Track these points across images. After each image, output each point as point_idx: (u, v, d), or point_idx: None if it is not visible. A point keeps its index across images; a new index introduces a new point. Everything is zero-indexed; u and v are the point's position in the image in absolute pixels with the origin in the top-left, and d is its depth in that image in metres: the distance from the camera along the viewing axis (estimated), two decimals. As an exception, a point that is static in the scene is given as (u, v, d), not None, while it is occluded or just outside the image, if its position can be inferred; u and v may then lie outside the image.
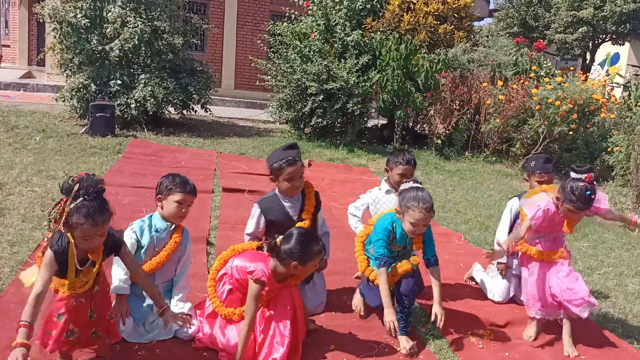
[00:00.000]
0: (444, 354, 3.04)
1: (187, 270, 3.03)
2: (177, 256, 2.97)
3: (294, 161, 3.08)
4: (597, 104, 9.00)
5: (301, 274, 2.70)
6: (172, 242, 2.91)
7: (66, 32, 8.36)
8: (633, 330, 3.60)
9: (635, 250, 5.53)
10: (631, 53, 18.69)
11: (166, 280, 2.98)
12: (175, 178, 2.93)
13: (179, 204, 2.86)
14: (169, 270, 2.96)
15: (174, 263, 2.97)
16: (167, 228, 2.93)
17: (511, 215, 3.87)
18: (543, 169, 3.75)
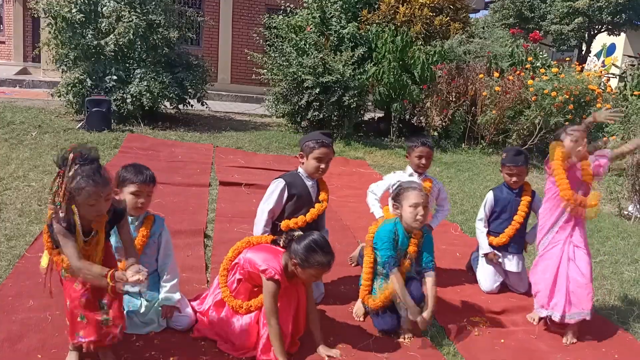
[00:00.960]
0: (441, 342, 3.06)
1: (170, 260, 2.93)
2: (153, 248, 2.90)
3: (328, 144, 3.19)
4: (593, 95, 9.01)
5: (300, 275, 2.69)
6: (140, 237, 2.82)
7: (61, 27, 8.33)
8: (628, 317, 3.63)
9: (630, 238, 5.56)
10: (627, 43, 18.68)
11: (151, 272, 2.84)
12: (129, 168, 2.83)
13: (135, 196, 2.77)
14: (146, 263, 2.75)
15: (152, 255, 2.90)
16: (132, 222, 2.80)
17: (485, 210, 3.95)
18: (512, 162, 3.78)
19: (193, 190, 5.55)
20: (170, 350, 2.68)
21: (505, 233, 3.84)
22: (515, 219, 3.83)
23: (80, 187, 2.20)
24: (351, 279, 3.83)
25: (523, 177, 3.85)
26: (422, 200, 2.97)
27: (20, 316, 2.80)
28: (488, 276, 3.86)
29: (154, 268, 2.92)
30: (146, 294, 2.87)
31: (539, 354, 3.04)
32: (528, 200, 3.85)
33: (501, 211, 3.89)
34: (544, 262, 3.33)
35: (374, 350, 2.88)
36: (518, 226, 3.82)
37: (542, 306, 3.29)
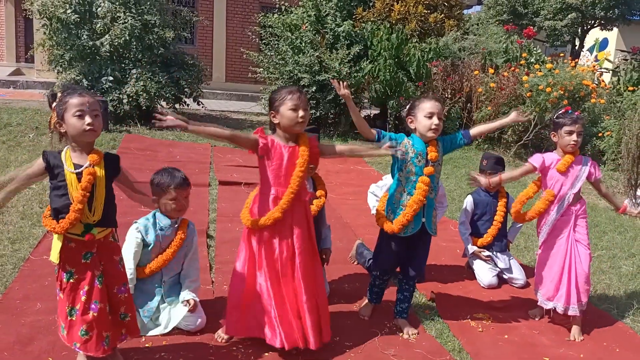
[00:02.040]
0: (445, 338, 3.10)
1: (196, 264, 3.06)
2: (184, 252, 3.00)
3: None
4: (587, 90, 9.07)
5: (283, 121, 2.72)
6: (178, 239, 2.94)
7: (56, 28, 8.31)
8: (627, 311, 3.68)
9: (627, 233, 5.62)
10: (619, 38, 18.78)
11: (173, 276, 3.01)
12: (164, 174, 2.92)
13: (174, 200, 2.88)
14: (175, 266, 2.99)
15: (180, 258, 3.00)
16: (172, 225, 2.95)
17: (466, 214, 4.12)
18: (493, 169, 3.91)
19: (193, 190, 5.48)
20: (179, 351, 2.70)
21: (488, 233, 4.04)
22: (496, 218, 4.04)
23: (65, 100, 2.24)
24: (354, 277, 3.87)
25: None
26: (437, 110, 2.95)
27: (29, 319, 2.82)
28: (486, 271, 3.96)
29: (177, 271, 3.02)
30: None
31: (541, 349, 3.09)
32: (505, 201, 4.06)
33: (482, 213, 4.09)
34: (551, 255, 3.37)
35: (380, 347, 2.92)
36: (499, 225, 4.03)
37: (548, 298, 3.34)
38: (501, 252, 4.05)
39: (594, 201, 7.08)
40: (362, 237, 4.56)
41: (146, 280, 2.92)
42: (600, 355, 3.08)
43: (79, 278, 2.32)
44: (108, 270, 2.38)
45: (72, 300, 2.32)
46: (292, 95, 2.73)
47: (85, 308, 2.30)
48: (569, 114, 3.33)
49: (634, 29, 17.11)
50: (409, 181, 2.99)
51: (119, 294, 2.42)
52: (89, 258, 2.33)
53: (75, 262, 2.31)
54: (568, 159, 3.29)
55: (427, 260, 4.16)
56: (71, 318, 2.32)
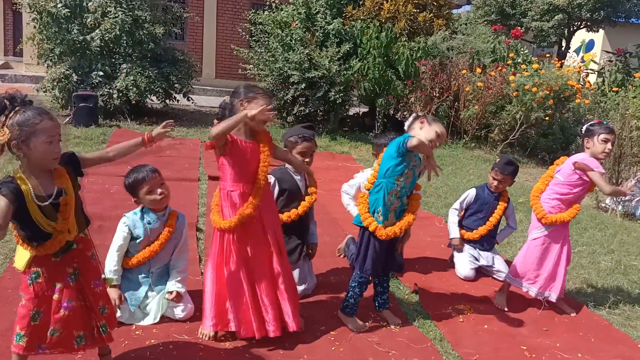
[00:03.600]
0: (427, 328, 3.20)
1: (185, 255, 3.10)
2: (173, 243, 3.04)
3: (309, 138, 3.30)
4: (572, 90, 9.25)
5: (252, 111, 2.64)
6: (166, 232, 2.98)
7: (46, 22, 8.31)
8: (604, 304, 3.81)
9: (607, 230, 5.77)
10: (605, 40, 19.06)
11: (161, 266, 3.07)
12: (131, 173, 2.94)
13: (150, 193, 2.91)
14: (164, 257, 3.04)
15: (170, 250, 3.05)
16: (159, 218, 3.00)
17: (463, 203, 4.23)
18: (501, 169, 4.03)
19: (183, 185, 5.62)
20: (169, 337, 2.78)
21: (478, 230, 4.12)
22: (490, 219, 4.12)
23: (34, 122, 2.00)
24: (341, 270, 3.96)
25: (505, 185, 4.12)
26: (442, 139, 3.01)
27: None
28: (464, 262, 4.07)
29: (166, 262, 3.07)
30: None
31: (520, 338, 3.20)
32: (504, 206, 4.14)
33: (478, 209, 4.17)
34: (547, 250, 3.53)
35: (364, 336, 3.02)
36: (491, 227, 4.12)
37: (541, 290, 3.54)
38: (486, 251, 4.15)
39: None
40: (350, 232, 4.65)
41: (134, 270, 2.98)
42: (576, 344, 3.20)
43: (49, 277, 2.19)
44: (82, 266, 2.28)
45: (37, 304, 2.19)
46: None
47: (57, 307, 2.20)
48: (605, 124, 3.43)
49: (619, 30, 17.38)
50: (404, 187, 3.02)
51: (96, 288, 2.33)
52: (59, 256, 2.20)
53: (43, 262, 2.18)
54: None
55: (413, 254, 4.31)
56: (34, 323, 2.18)
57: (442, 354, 2.93)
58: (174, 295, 2.93)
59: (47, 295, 2.20)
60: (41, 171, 2.10)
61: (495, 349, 3.05)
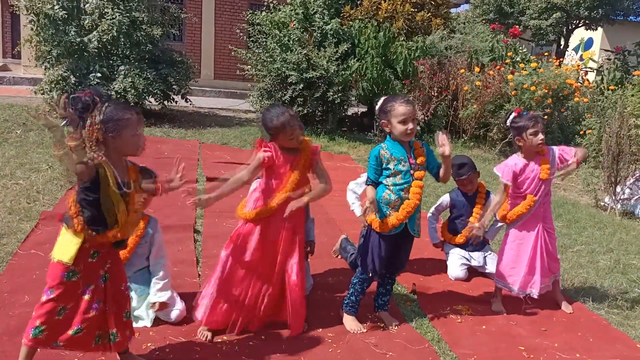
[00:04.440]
0: (425, 329, 3.19)
1: (163, 260, 3.03)
2: (145, 247, 2.99)
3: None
4: (570, 89, 9.24)
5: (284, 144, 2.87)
6: (134, 236, 2.92)
7: (43, 24, 8.30)
8: (602, 303, 3.80)
9: (606, 229, 5.76)
10: (604, 38, 19.05)
11: (137, 271, 3.01)
12: None
13: None
14: (137, 261, 2.98)
15: (143, 254, 3.00)
16: None
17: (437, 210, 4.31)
18: (458, 175, 4.01)
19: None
20: (165, 340, 2.77)
21: (462, 234, 4.11)
22: (470, 220, 4.04)
23: (124, 117, 2.21)
24: (338, 271, 3.95)
25: (475, 182, 4.10)
26: (410, 115, 2.96)
27: (17, 311, 2.88)
28: (455, 264, 4.06)
29: (144, 265, 3.04)
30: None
31: (518, 339, 3.20)
32: (482, 203, 4.10)
33: (458, 214, 4.17)
34: (519, 247, 3.51)
35: (361, 337, 3.01)
36: None
37: (522, 288, 3.50)
38: (476, 251, 4.14)
39: (575, 198, 7.23)
40: (346, 232, 4.64)
41: None
42: (574, 344, 3.19)
43: (83, 277, 2.26)
44: (115, 268, 2.37)
45: (67, 300, 2.25)
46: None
47: (88, 307, 2.27)
48: (525, 115, 3.38)
49: (618, 28, 17.37)
50: (396, 184, 3.03)
51: (126, 291, 2.43)
52: (95, 257, 2.29)
53: (82, 261, 2.25)
54: (546, 166, 3.37)
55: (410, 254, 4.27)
56: (58, 317, 2.24)
57: (439, 355, 2.92)
58: (157, 306, 2.91)
59: (78, 293, 2.26)
60: (120, 160, 2.29)
61: (493, 349, 3.04)
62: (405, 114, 2.94)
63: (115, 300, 2.36)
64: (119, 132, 2.21)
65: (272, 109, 2.90)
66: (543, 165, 3.38)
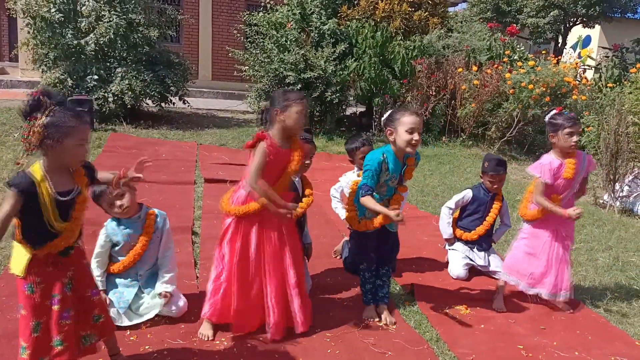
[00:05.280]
0: (424, 328, 3.19)
1: (171, 252, 3.06)
2: (157, 244, 3.02)
3: (309, 140, 3.30)
4: (568, 87, 9.23)
5: (287, 122, 2.77)
6: (146, 232, 2.97)
7: (40, 27, 8.30)
8: (601, 301, 3.80)
9: (605, 226, 5.76)
10: (602, 35, 19.05)
11: (149, 268, 3.05)
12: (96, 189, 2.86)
13: (110, 206, 2.91)
14: (149, 258, 3.02)
15: (154, 250, 3.03)
16: (134, 222, 2.97)
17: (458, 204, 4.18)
18: (495, 171, 4.01)
19: (178, 188, 5.61)
20: (163, 343, 2.77)
21: (476, 231, 4.08)
22: (487, 219, 4.08)
23: (71, 124, 2.05)
24: (336, 271, 3.95)
25: (503, 183, 4.10)
26: (418, 126, 2.98)
27: (15, 315, 2.86)
28: (457, 262, 4.05)
29: (153, 263, 3.06)
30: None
31: (517, 338, 3.19)
32: (499, 205, 4.11)
33: (475, 210, 4.13)
34: (536, 246, 3.51)
35: (360, 337, 3.01)
36: (489, 226, 4.09)
37: (532, 285, 3.51)
38: (483, 251, 4.13)
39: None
40: (346, 233, 4.64)
41: (122, 274, 2.97)
42: (573, 343, 3.18)
43: (46, 287, 2.17)
44: (78, 275, 2.28)
45: (38, 314, 2.16)
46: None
47: (58, 317, 2.17)
48: (565, 114, 3.39)
49: (615, 26, 17.38)
50: (379, 195, 3.11)
51: (93, 296, 2.34)
52: (57, 265, 2.20)
53: (40, 271, 2.16)
54: (572, 164, 3.36)
55: (409, 254, 4.30)
56: (36, 335, 2.15)
57: (438, 354, 2.92)
58: (167, 298, 2.94)
59: (46, 305, 2.18)
60: (62, 170, 2.16)
61: (491, 348, 3.04)
62: (414, 124, 2.96)
63: (81, 306, 2.29)
64: (59, 139, 2.04)
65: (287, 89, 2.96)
66: (569, 165, 3.37)
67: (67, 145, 2.06)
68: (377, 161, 3.02)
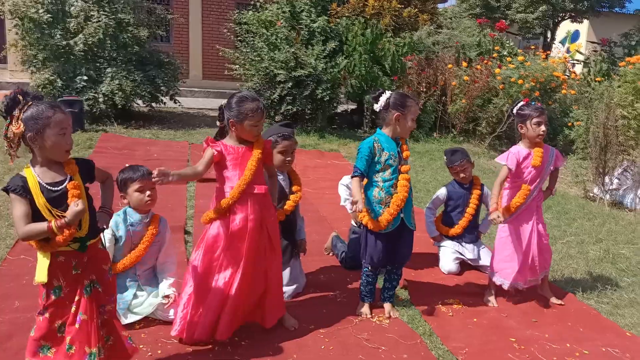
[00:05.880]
0: (417, 323, 3.21)
1: (173, 258, 3.12)
2: (157, 246, 3.06)
3: (288, 136, 3.27)
4: (558, 81, 9.29)
5: (242, 133, 2.76)
6: (149, 234, 3.00)
7: (28, 28, 8.25)
8: (592, 293, 3.84)
9: (595, 219, 5.81)
10: (590, 30, 19.15)
11: (147, 269, 3.08)
12: (127, 170, 3.00)
13: (140, 192, 2.95)
14: (148, 260, 3.06)
15: (154, 253, 3.06)
16: (142, 220, 3.01)
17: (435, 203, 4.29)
18: (452, 162, 4.09)
19: (171, 188, 5.57)
20: (157, 342, 2.77)
21: (459, 224, 4.13)
22: (467, 210, 4.12)
23: (48, 115, 2.06)
24: (329, 268, 3.96)
25: (469, 171, 4.13)
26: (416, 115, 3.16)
27: (7, 317, 2.86)
28: (447, 258, 4.09)
29: (151, 265, 3.09)
30: None
31: (509, 331, 3.22)
32: (478, 194, 4.15)
33: (455, 205, 4.18)
34: (513, 241, 3.53)
35: (354, 333, 3.02)
36: (470, 217, 4.12)
37: (506, 278, 3.55)
38: (471, 243, 4.16)
39: (565, 189, 7.28)
40: (337, 230, 4.66)
41: (120, 275, 2.97)
42: (565, 335, 3.21)
43: (70, 290, 2.19)
44: (98, 280, 2.27)
45: (61, 316, 2.19)
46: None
47: (73, 320, 2.18)
48: (532, 105, 3.44)
49: (603, 20, 17.46)
50: (386, 181, 3.11)
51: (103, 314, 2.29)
52: (79, 269, 2.20)
53: (65, 275, 2.17)
54: (539, 152, 3.41)
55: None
56: (61, 335, 2.19)
57: (431, 349, 2.94)
58: (172, 298, 2.95)
59: (68, 308, 2.20)
60: (52, 163, 2.16)
61: (484, 342, 3.06)
62: (417, 114, 3.16)
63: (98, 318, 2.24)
64: (39, 131, 2.06)
65: (243, 92, 2.86)
66: (536, 153, 3.41)
67: (48, 135, 2.08)
68: (367, 146, 3.10)
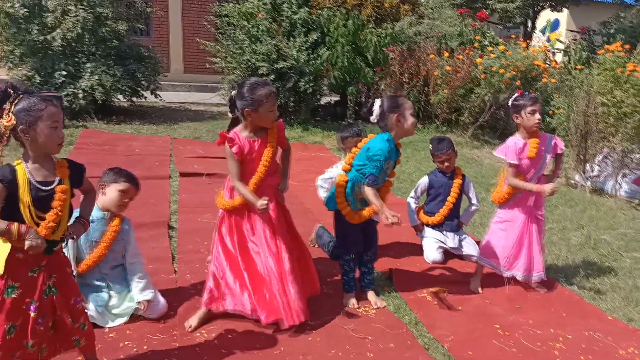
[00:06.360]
0: (402, 312, 3.23)
1: (139, 259, 3.04)
2: (121, 245, 2.97)
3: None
4: (538, 70, 9.36)
5: (259, 121, 2.84)
6: (112, 231, 2.91)
7: (4, 23, 8.08)
8: (575, 278, 3.89)
9: (577, 206, 5.89)
10: (570, 19, 19.32)
11: (113, 268, 2.99)
12: (123, 171, 2.99)
13: (122, 193, 2.90)
14: (112, 259, 2.97)
15: (118, 252, 2.98)
16: (103, 217, 2.93)
17: (418, 192, 4.33)
18: (438, 150, 4.14)
19: (153, 183, 5.54)
20: (143, 338, 2.75)
21: (440, 213, 4.17)
22: (448, 199, 4.16)
23: (40, 107, 2.05)
24: (315, 260, 3.92)
25: (453, 160, 4.17)
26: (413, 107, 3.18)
27: None
28: (431, 248, 4.12)
29: (119, 263, 3.02)
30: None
31: (494, 317, 3.26)
32: (459, 183, 4.18)
33: (436, 194, 4.23)
34: (509, 228, 3.56)
35: (340, 324, 3.03)
36: (451, 206, 4.16)
37: (507, 267, 3.57)
38: (452, 232, 4.19)
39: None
40: (322, 222, 4.65)
41: (87, 275, 2.91)
42: (548, 320, 3.26)
43: (24, 293, 2.11)
44: (61, 283, 2.22)
45: (13, 317, 2.10)
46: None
47: (34, 323, 2.13)
48: (527, 95, 3.46)
49: (583, 9, 17.63)
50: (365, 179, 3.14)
51: (77, 304, 2.29)
52: (36, 272, 2.14)
53: (20, 277, 2.11)
54: (535, 143, 3.42)
55: (387, 240, 4.35)
56: (9, 336, 2.09)
57: (417, 337, 2.96)
58: (145, 305, 2.92)
59: (23, 309, 2.12)
60: (44, 159, 2.14)
61: (470, 330, 3.09)
62: (412, 107, 3.16)
63: (67, 314, 2.23)
64: (31, 124, 2.04)
65: (253, 80, 2.87)
66: (532, 144, 3.42)
67: (41, 128, 2.06)
68: (387, 151, 3.05)
